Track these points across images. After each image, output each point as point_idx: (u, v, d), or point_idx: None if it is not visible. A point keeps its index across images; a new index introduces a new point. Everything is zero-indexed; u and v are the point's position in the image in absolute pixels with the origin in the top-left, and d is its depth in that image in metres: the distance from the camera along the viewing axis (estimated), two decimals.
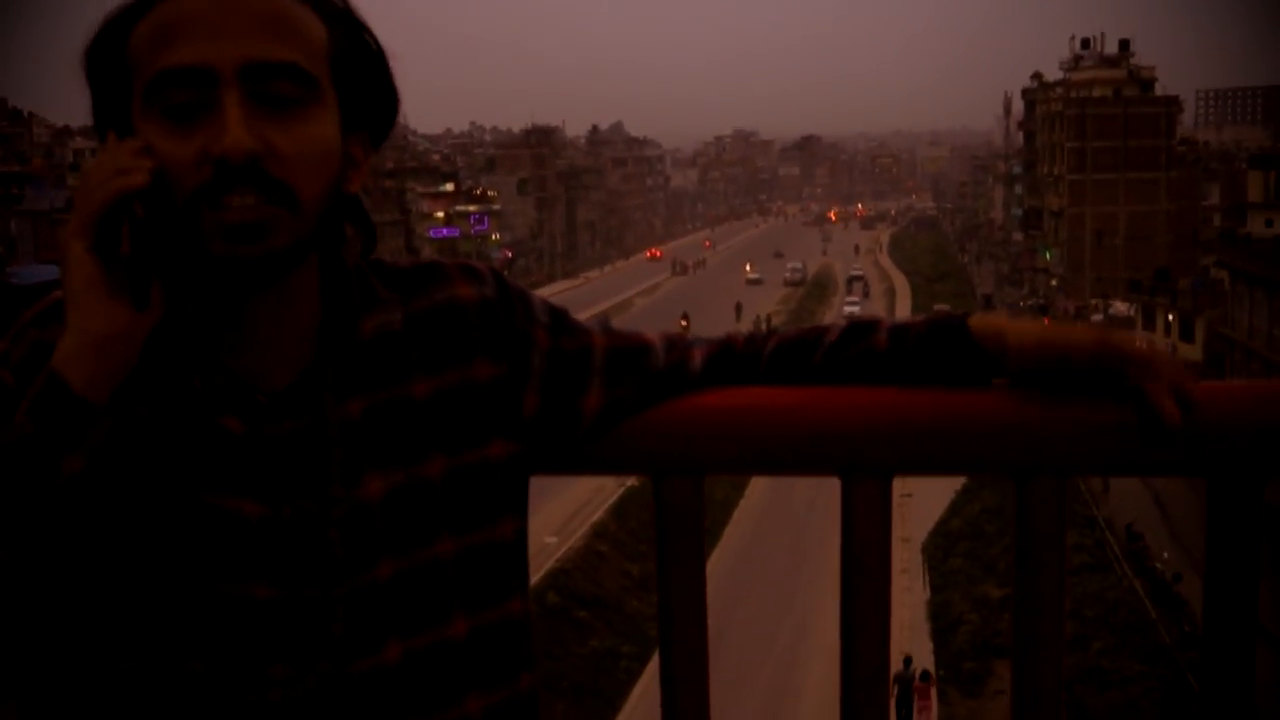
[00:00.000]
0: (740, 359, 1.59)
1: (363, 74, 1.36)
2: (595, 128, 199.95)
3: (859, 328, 1.58)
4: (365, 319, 1.38)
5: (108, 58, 1.30)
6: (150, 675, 1.29)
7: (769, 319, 74.23)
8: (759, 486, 45.77)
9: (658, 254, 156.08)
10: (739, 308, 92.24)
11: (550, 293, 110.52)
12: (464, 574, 1.39)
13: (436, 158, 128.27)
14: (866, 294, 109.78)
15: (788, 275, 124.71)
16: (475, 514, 1.40)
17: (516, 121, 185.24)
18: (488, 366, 1.43)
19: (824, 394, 1.57)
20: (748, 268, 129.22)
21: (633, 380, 1.53)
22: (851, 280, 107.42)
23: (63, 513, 1.20)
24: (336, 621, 1.31)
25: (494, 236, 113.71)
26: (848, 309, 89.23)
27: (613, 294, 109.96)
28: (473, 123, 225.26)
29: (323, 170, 1.29)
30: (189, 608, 1.28)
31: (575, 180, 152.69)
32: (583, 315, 1.61)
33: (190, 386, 1.31)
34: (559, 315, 1.53)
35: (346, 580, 1.32)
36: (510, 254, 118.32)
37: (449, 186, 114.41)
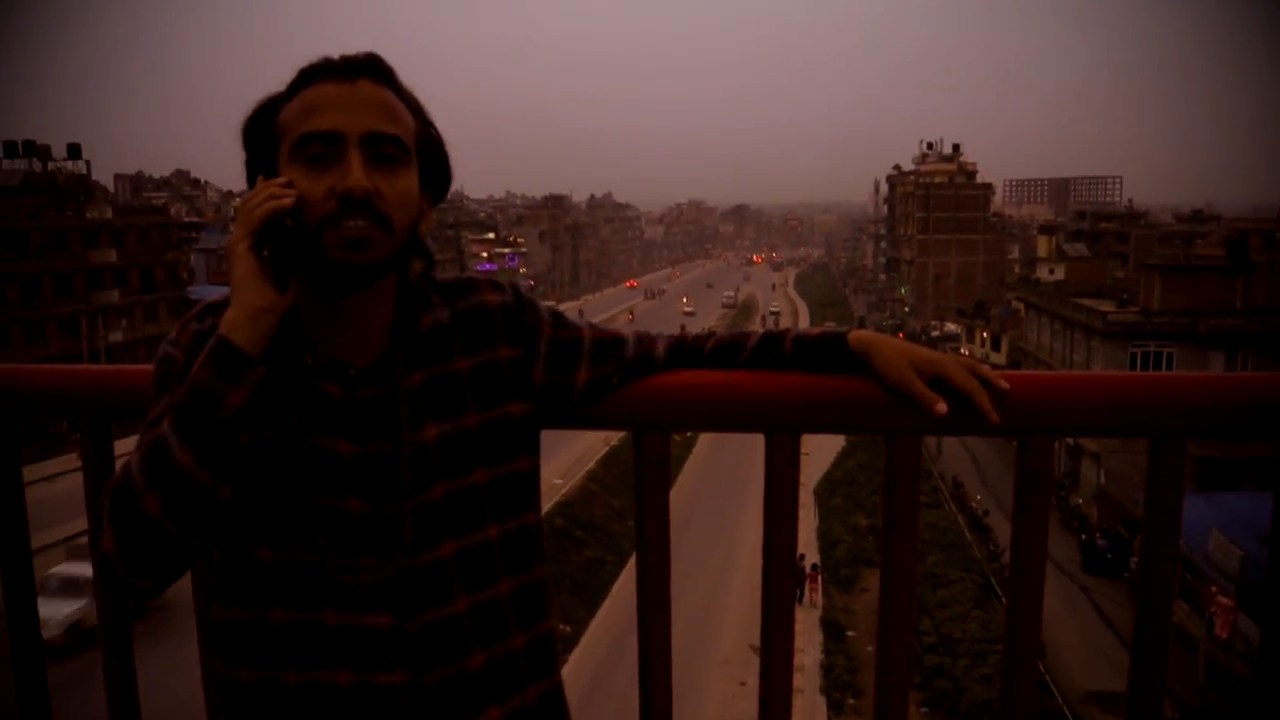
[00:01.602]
0: (690, 351, 1.62)
1: (431, 153, 1.41)
2: (593, 196, 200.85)
3: (772, 338, 1.60)
4: (424, 316, 1.41)
5: (261, 126, 1.36)
6: (278, 563, 1.34)
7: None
8: (700, 450, 45.93)
9: (635, 284, 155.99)
10: (683, 328, 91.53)
11: (561, 309, 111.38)
12: (494, 494, 1.41)
13: (482, 215, 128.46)
14: (778, 322, 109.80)
15: (724, 300, 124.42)
16: (501, 452, 1.43)
17: (538, 190, 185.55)
18: (508, 350, 1.46)
19: (753, 376, 1.59)
20: (684, 300, 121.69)
21: (612, 363, 1.56)
22: (770, 314, 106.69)
23: (229, 433, 1.25)
24: (407, 526, 1.35)
25: (521, 270, 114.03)
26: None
27: (603, 311, 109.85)
28: (508, 191, 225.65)
29: (410, 210, 1.34)
30: (305, 515, 1.33)
31: (578, 233, 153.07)
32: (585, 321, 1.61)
33: (303, 361, 1.35)
34: (558, 315, 1.55)
35: (412, 498, 1.35)
36: (533, 283, 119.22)
37: (490, 235, 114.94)
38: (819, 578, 31.42)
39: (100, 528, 1.27)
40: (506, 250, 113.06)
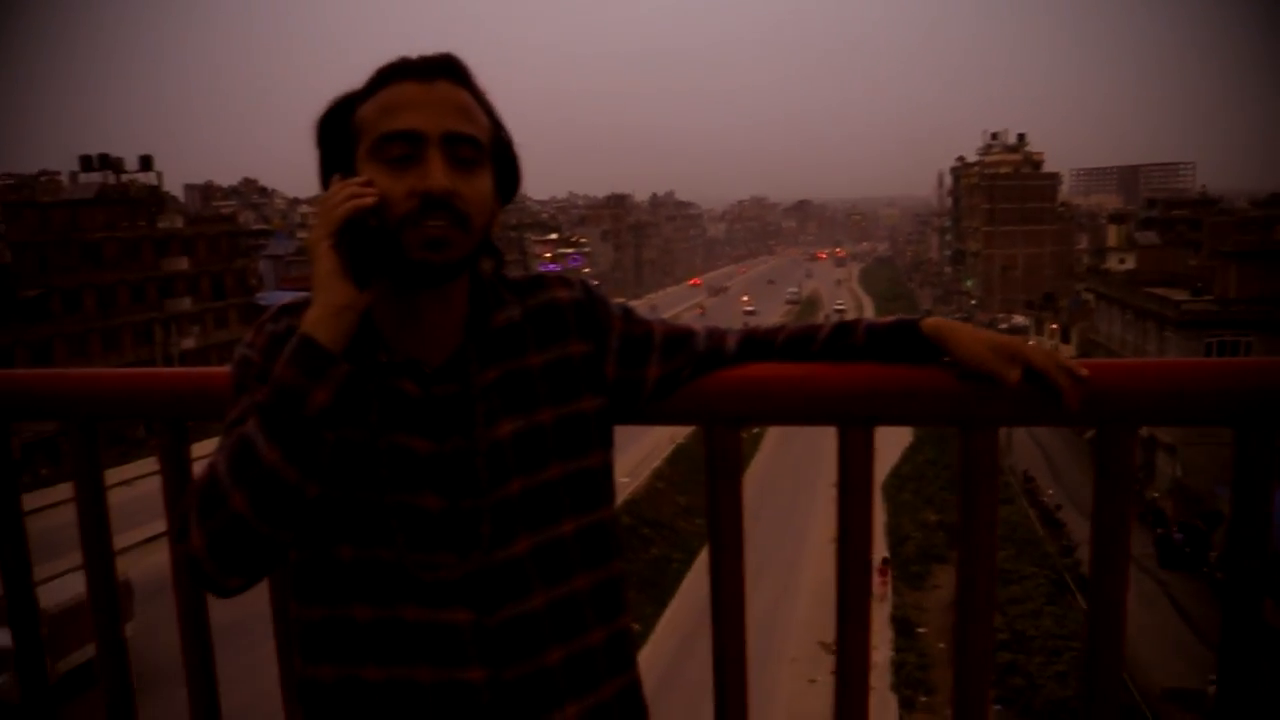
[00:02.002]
0: (761, 344, 1.60)
1: (503, 155, 1.41)
2: (655, 194, 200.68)
3: (844, 327, 1.58)
4: (497, 314, 1.41)
5: (336, 125, 1.37)
6: (359, 560, 1.34)
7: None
8: (768, 444, 45.72)
9: (698, 281, 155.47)
10: (745, 326, 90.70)
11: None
12: (569, 489, 1.41)
13: (545, 215, 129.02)
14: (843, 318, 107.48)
15: (788, 296, 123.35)
16: (575, 447, 1.42)
17: (600, 190, 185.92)
18: (580, 345, 1.45)
19: (825, 367, 1.57)
20: (744, 299, 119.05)
21: (682, 357, 1.54)
22: (835, 311, 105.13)
23: (315, 430, 1.25)
24: (485, 523, 1.34)
25: (585, 270, 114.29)
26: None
27: (668, 309, 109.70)
28: (570, 191, 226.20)
29: (486, 210, 1.34)
30: (384, 513, 1.33)
31: (641, 232, 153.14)
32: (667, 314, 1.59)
33: (377, 359, 1.35)
34: (628, 310, 1.54)
35: (490, 494, 1.35)
36: (597, 283, 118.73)
37: (553, 236, 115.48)
38: (889, 571, 31.20)
39: (187, 527, 1.28)
40: (570, 250, 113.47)
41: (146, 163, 62.10)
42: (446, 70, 1.35)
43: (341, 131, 1.36)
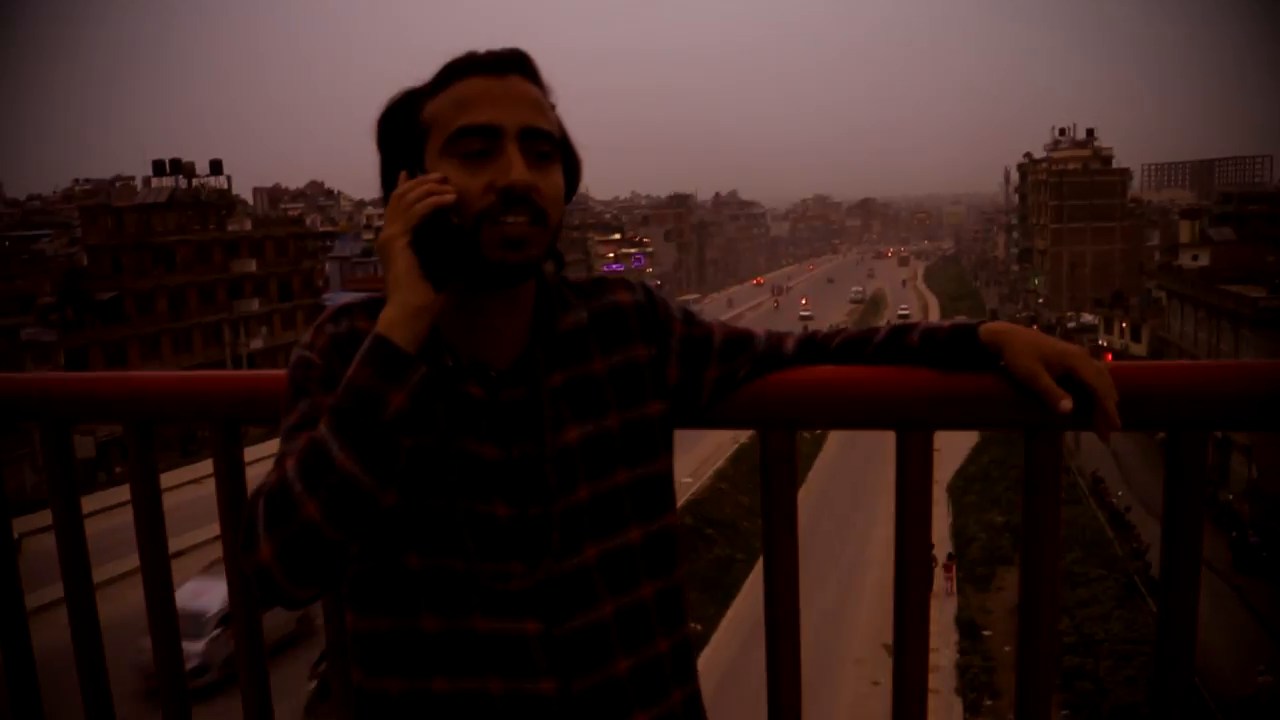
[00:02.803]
0: (818, 347, 1.58)
1: (567, 152, 1.39)
2: (718, 194, 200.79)
3: (899, 330, 1.55)
4: (564, 317, 1.39)
5: (400, 123, 1.34)
6: (427, 569, 1.31)
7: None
8: (830, 447, 45.41)
9: (761, 281, 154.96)
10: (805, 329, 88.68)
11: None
12: (635, 495, 1.39)
13: (608, 216, 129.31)
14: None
15: (852, 296, 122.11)
16: (641, 453, 1.40)
17: (663, 190, 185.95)
18: (644, 349, 1.43)
19: (883, 371, 1.54)
20: (803, 301, 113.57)
21: (742, 358, 1.52)
22: (900, 315, 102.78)
23: (391, 436, 1.21)
24: (554, 530, 1.32)
25: (648, 270, 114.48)
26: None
27: (730, 309, 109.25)
28: (633, 192, 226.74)
29: (560, 206, 1.33)
30: (453, 520, 1.31)
31: (704, 231, 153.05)
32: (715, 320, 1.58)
33: (443, 364, 1.32)
34: (688, 312, 1.52)
35: (559, 501, 1.33)
36: (659, 282, 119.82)
37: (616, 236, 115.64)
38: (954, 567, 30.91)
39: (254, 537, 1.21)
40: (633, 250, 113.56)
41: (216, 167, 63.04)
42: (518, 65, 1.33)
43: (408, 128, 1.34)
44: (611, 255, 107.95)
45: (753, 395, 1.55)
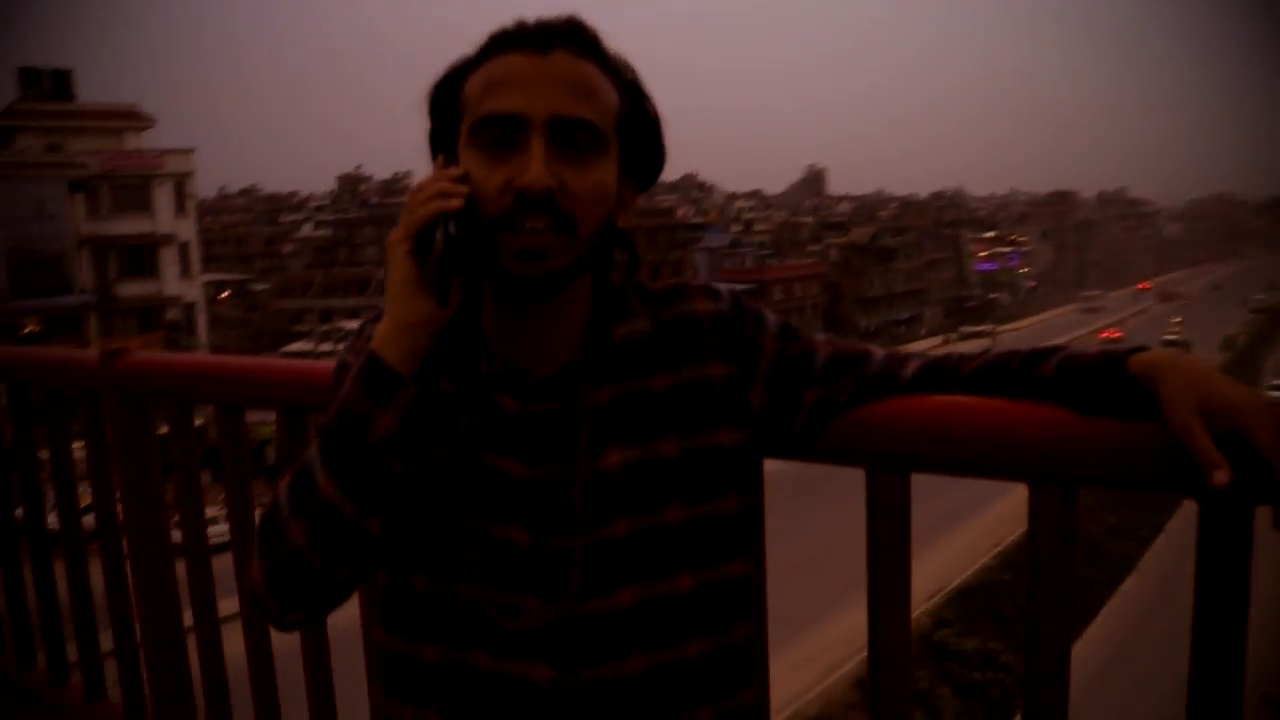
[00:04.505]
0: (945, 373, 1.30)
1: (641, 134, 1.22)
2: (1103, 191, 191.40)
3: (1035, 356, 1.24)
4: (619, 326, 1.24)
5: (445, 99, 1.22)
6: (433, 594, 1.21)
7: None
8: None
9: (1147, 285, 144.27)
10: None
11: (1056, 315, 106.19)
12: (691, 537, 1.21)
13: (982, 212, 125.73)
14: None
15: (1252, 305, 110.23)
16: (704, 488, 1.21)
17: (1043, 186, 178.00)
18: (720, 367, 1.24)
19: (1015, 407, 1.23)
20: (1174, 321, 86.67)
21: (847, 382, 1.29)
22: None
23: (378, 461, 1.14)
24: (576, 567, 1.18)
25: (1023, 270, 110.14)
26: None
27: (1107, 316, 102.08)
28: (1011, 188, 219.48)
29: (600, 208, 1.16)
30: (466, 542, 1.20)
31: (1086, 230, 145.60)
32: (1082, 330, 1.10)
33: (477, 370, 1.21)
34: (786, 327, 1.30)
35: (586, 534, 1.18)
36: (1034, 283, 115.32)
37: (990, 233, 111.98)
38: None
39: (252, 555, 1.20)
40: (1007, 249, 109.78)
41: None
42: (566, 38, 1.16)
43: (449, 107, 1.21)
44: (984, 254, 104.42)
45: (855, 426, 1.29)
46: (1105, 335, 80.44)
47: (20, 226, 40.94)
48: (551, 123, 1.12)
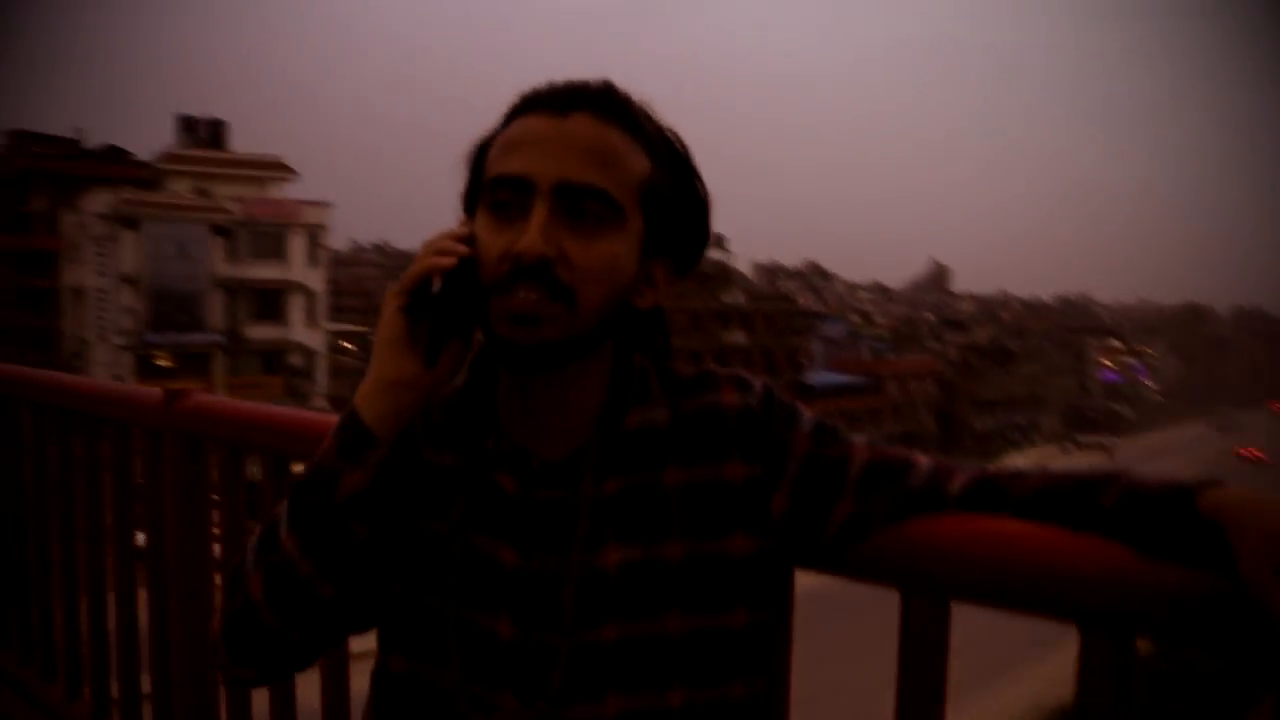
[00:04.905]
0: (995, 492, 1.14)
1: (675, 210, 1.15)
2: (1241, 307, 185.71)
3: (1093, 484, 1.08)
4: (633, 413, 1.15)
5: (477, 158, 1.18)
6: (411, 676, 1.15)
7: None
8: None
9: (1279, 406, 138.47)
10: None
11: (1182, 431, 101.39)
12: (688, 651, 1.11)
13: (1108, 320, 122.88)
14: None
15: None
16: (708, 599, 1.12)
17: (1172, 295, 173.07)
18: (741, 467, 1.15)
19: (1070, 540, 1.07)
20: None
21: (886, 495, 1.16)
22: None
23: (341, 521, 1.10)
24: (556, 669, 1.10)
25: (1147, 383, 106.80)
26: None
27: (1239, 434, 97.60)
28: (1140, 297, 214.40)
29: (606, 282, 1.10)
30: (448, 627, 1.13)
31: (1218, 346, 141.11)
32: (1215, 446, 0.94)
33: (482, 446, 1.15)
34: (824, 428, 1.19)
35: (572, 635, 1.10)
36: (1161, 398, 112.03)
37: (1115, 343, 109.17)
38: None
39: (216, 607, 1.19)
40: (1132, 360, 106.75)
41: (719, 242, 67.07)
42: (591, 101, 1.10)
43: (478, 166, 1.17)
44: (1108, 363, 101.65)
45: (890, 542, 1.16)
46: (1244, 453, 77.40)
47: (164, 264, 42.87)
48: (558, 188, 1.07)
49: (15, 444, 2.94)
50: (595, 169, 1.08)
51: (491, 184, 1.10)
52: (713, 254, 65.92)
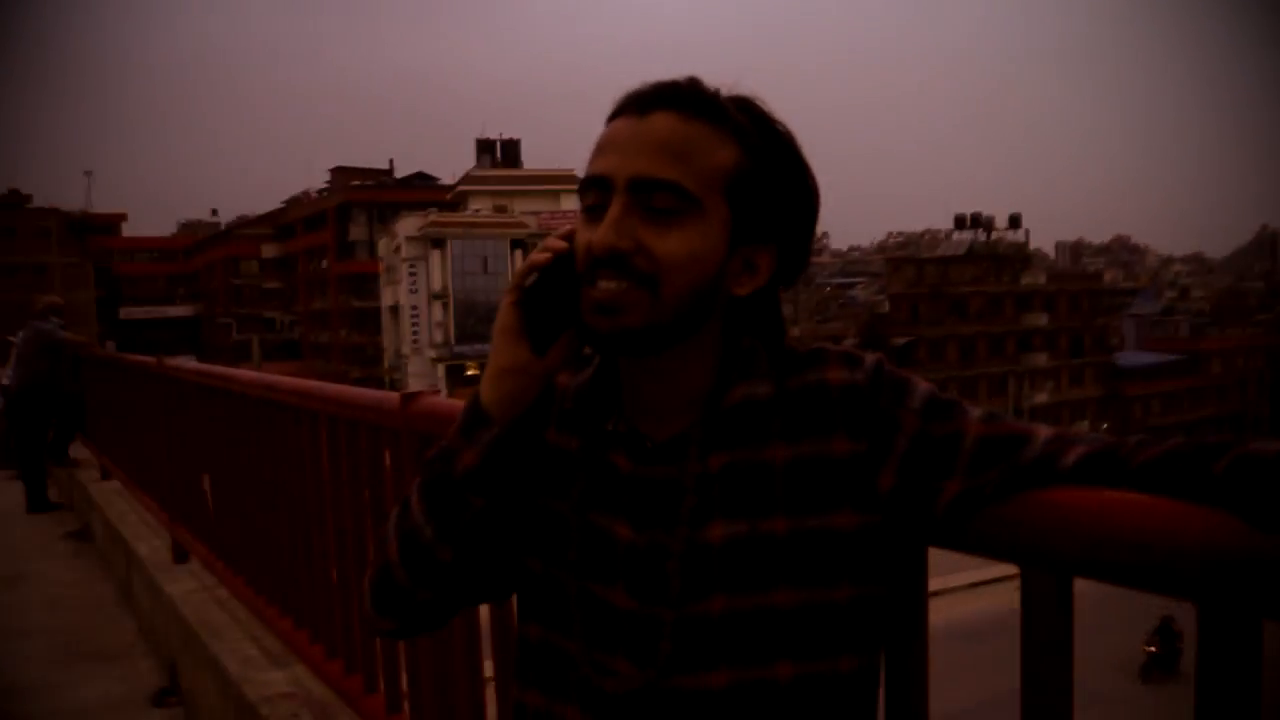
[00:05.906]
0: (1115, 462, 1.05)
1: (770, 199, 1.17)
2: None
3: (1210, 449, 0.98)
4: (736, 388, 1.18)
5: None
6: (543, 643, 1.25)
7: None
8: None
9: None
10: None
11: None
12: (796, 624, 1.13)
13: None
14: None
15: None
16: (814, 573, 1.13)
17: None
18: (846, 443, 1.15)
19: (1194, 514, 0.97)
20: None
21: (998, 470, 1.12)
22: None
23: (459, 492, 1.20)
24: (664, 639, 1.14)
25: None
26: None
27: None
28: None
29: (687, 270, 1.13)
30: (571, 598, 1.22)
31: None
32: None
33: (603, 429, 1.23)
34: (936, 403, 1.16)
35: (678, 607, 1.14)
36: None
37: None
38: None
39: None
40: None
41: (1015, 221, 65.03)
42: (669, 99, 1.14)
43: None
44: None
45: (1008, 514, 1.11)
46: None
47: (469, 279, 45.66)
48: (632, 184, 1.12)
49: (302, 448, 3.27)
50: (669, 163, 1.12)
51: (583, 185, 1.18)
52: (1009, 235, 63.38)
